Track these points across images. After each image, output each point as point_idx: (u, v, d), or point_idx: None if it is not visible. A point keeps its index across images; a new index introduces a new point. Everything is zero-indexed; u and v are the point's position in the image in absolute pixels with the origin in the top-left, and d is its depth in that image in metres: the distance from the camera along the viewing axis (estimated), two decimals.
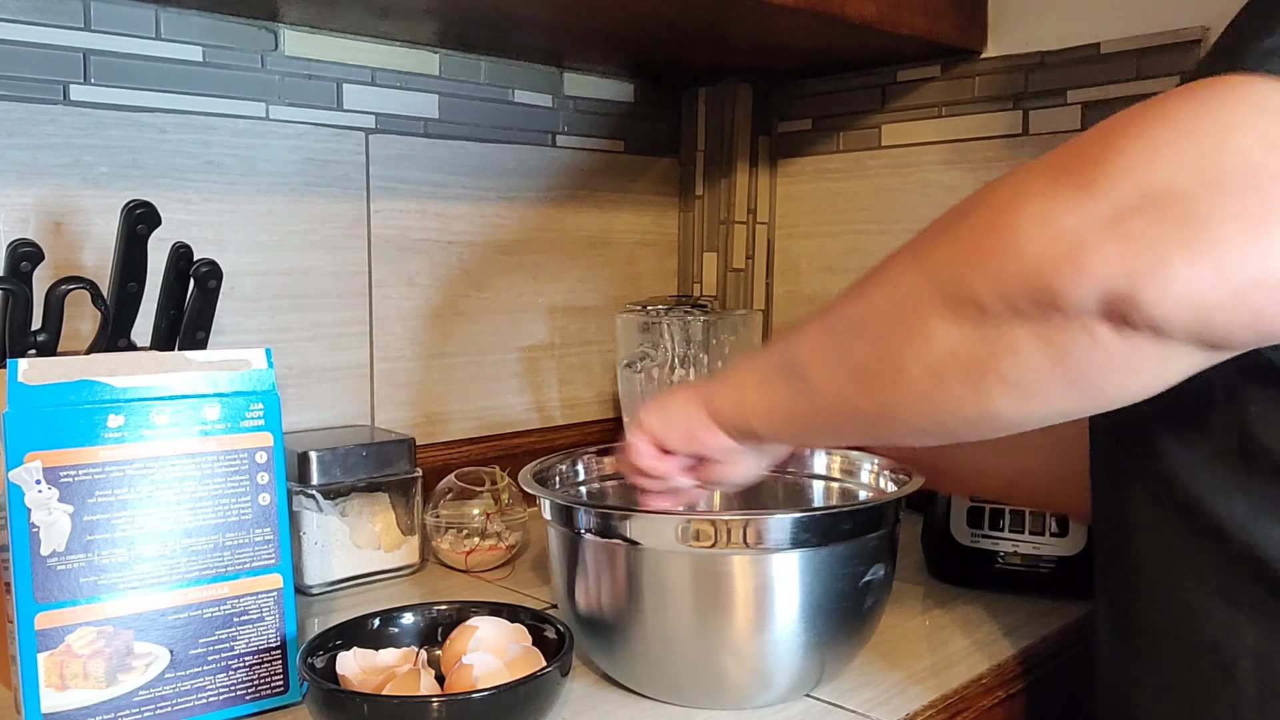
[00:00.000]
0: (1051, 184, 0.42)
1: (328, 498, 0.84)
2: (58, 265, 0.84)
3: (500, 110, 1.12)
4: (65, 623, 0.56)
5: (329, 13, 0.92)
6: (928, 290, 0.45)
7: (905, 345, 0.47)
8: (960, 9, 1.06)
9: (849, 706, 0.63)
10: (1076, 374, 0.42)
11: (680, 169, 1.32)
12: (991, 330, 0.43)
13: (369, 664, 0.61)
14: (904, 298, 0.47)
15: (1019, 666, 0.70)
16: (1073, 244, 0.40)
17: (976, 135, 1.10)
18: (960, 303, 0.44)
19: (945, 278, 0.45)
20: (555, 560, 0.68)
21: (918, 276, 0.46)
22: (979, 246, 0.44)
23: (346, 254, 1.02)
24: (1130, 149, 0.40)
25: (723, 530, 0.59)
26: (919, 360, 0.46)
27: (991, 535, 0.82)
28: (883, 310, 0.48)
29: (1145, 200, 0.39)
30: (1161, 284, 0.38)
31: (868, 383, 0.49)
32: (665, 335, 1.10)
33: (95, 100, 0.86)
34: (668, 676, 0.63)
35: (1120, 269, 0.39)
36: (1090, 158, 0.41)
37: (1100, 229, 0.39)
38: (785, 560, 0.60)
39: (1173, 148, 0.39)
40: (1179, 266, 0.38)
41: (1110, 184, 0.40)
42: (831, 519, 0.61)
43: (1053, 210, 0.41)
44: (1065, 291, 0.40)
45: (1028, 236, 0.41)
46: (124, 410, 0.58)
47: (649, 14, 0.95)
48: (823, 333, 0.53)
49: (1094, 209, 0.40)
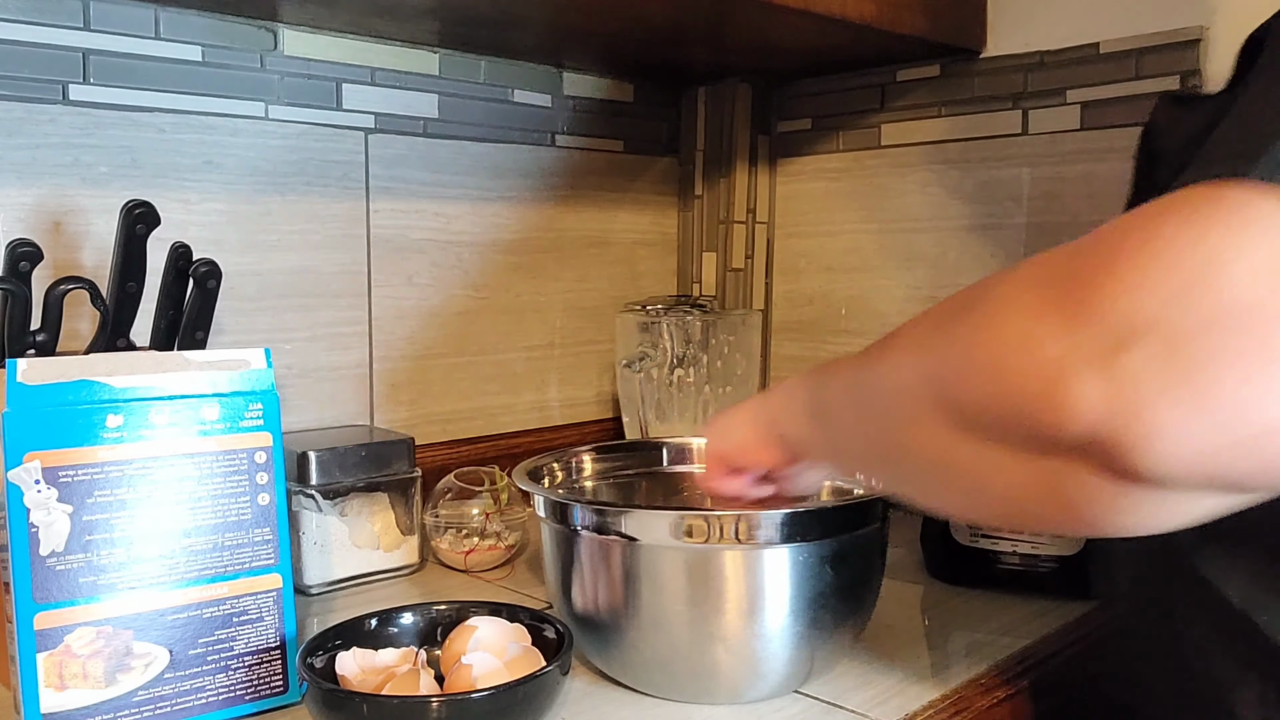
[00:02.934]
0: (1043, 298, 0.37)
1: (327, 498, 0.84)
2: (57, 265, 0.84)
3: (500, 110, 1.12)
4: (64, 623, 0.56)
5: (329, 12, 0.92)
6: (924, 389, 0.43)
7: (907, 436, 0.44)
8: (960, 9, 1.06)
9: (849, 706, 0.63)
10: (1072, 509, 0.38)
11: (680, 169, 1.32)
12: (982, 447, 0.40)
13: (368, 664, 0.61)
14: (904, 388, 0.45)
15: (1019, 666, 0.70)
16: (1054, 378, 0.35)
17: (976, 135, 1.10)
18: (954, 413, 0.41)
19: (941, 382, 0.42)
20: (549, 557, 0.68)
21: (918, 372, 0.44)
22: (967, 358, 0.40)
23: (346, 254, 1.02)
24: (1124, 270, 0.35)
25: (715, 526, 0.60)
26: (917, 454, 0.44)
27: (991, 535, 0.82)
28: (887, 392, 0.46)
29: (1136, 335, 0.34)
30: (1153, 434, 0.34)
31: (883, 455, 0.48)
32: (664, 335, 1.10)
33: (95, 100, 0.86)
34: (661, 671, 0.64)
35: (1105, 413, 0.34)
36: (1081, 276, 0.36)
37: (1089, 363, 0.35)
38: (776, 555, 0.60)
39: (1168, 274, 0.34)
40: (1171, 414, 0.33)
41: (1099, 312, 0.35)
42: (822, 515, 0.62)
43: (1038, 332, 0.36)
44: (1052, 429, 0.36)
45: (1011, 358, 0.37)
46: (123, 410, 0.58)
47: (649, 14, 0.95)
48: (843, 388, 0.51)
49: (1084, 337, 0.35)
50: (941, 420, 0.41)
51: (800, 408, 0.56)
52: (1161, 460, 0.34)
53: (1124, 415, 0.34)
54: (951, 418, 0.41)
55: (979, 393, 0.39)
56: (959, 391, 0.40)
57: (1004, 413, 0.38)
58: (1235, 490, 0.36)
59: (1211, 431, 0.33)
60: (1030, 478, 0.39)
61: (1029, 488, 0.39)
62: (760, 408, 0.59)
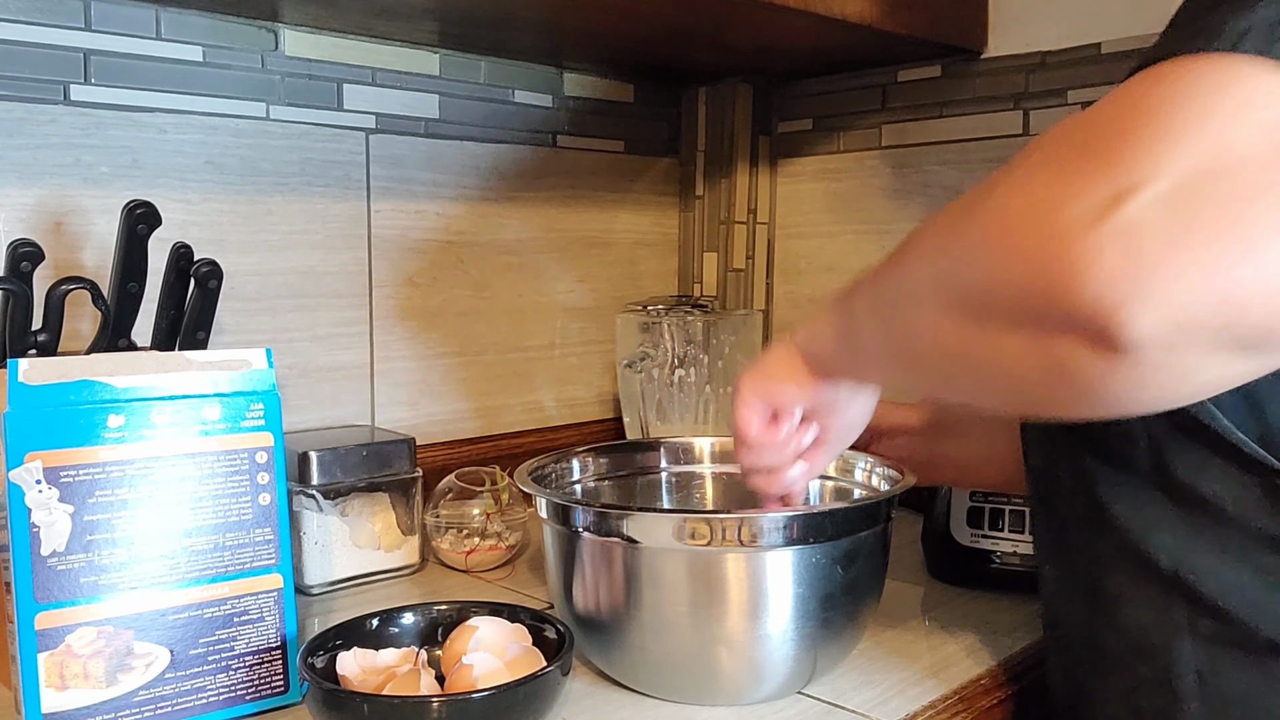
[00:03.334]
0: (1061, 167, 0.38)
1: (328, 498, 0.84)
2: (58, 265, 0.84)
3: (500, 110, 1.12)
4: (65, 623, 0.56)
5: (329, 13, 0.92)
6: (934, 285, 0.44)
7: (924, 334, 0.46)
8: (960, 9, 1.06)
9: (849, 706, 0.63)
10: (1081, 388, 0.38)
11: (680, 169, 1.32)
12: (989, 337, 0.41)
13: (369, 664, 0.61)
14: (917, 287, 0.46)
15: (1019, 666, 0.70)
16: (1067, 238, 0.36)
17: (976, 135, 1.10)
18: (963, 304, 0.42)
19: (948, 275, 0.43)
20: (551, 559, 0.68)
21: (928, 268, 0.45)
22: (974, 238, 0.41)
23: (346, 254, 1.02)
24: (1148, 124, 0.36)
25: (718, 529, 0.60)
26: (937, 349, 0.45)
27: (991, 535, 0.82)
28: (907, 293, 0.47)
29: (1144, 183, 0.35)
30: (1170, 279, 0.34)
31: (909, 349, 0.48)
32: (665, 335, 1.10)
33: (95, 100, 0.86)
34: (663, 673, 0.64)
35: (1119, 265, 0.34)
36: (1102, 137, 0.37)
37: (1102, 218, 0.35)
38: (779, 558, 0.60)
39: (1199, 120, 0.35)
40: (1200, 252, 0.33)
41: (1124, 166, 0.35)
42: (824, 518, 0.62)
43: (1055, 197, 0.37)
44: (1053, 296, 0.36)
45: (1022, 227, 0.38)
46: (124, 410, 0.58)
47: (649, 14, 0.95)
48: (872, 293, 0.52)
49: (1101, 195, 0.35)
50: (955, 313, 0.42)
51: (828, 332, 0.56)
52: (1163, 311, 0.34)
53: (1129, 263, 0.34)
54: (963, 308, 0.42)
55: (992, 274, 0.39)
56: (967, 277, 0.41)
57: (1018, 286, 0.38)
58: (1253, 345, 0.36)
59: (1221, 272, 0.33)
60: (1040, 367, 0.39)
61: (1040, 371, 0.39)
62: (790, 342, 0.60)
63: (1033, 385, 0.40)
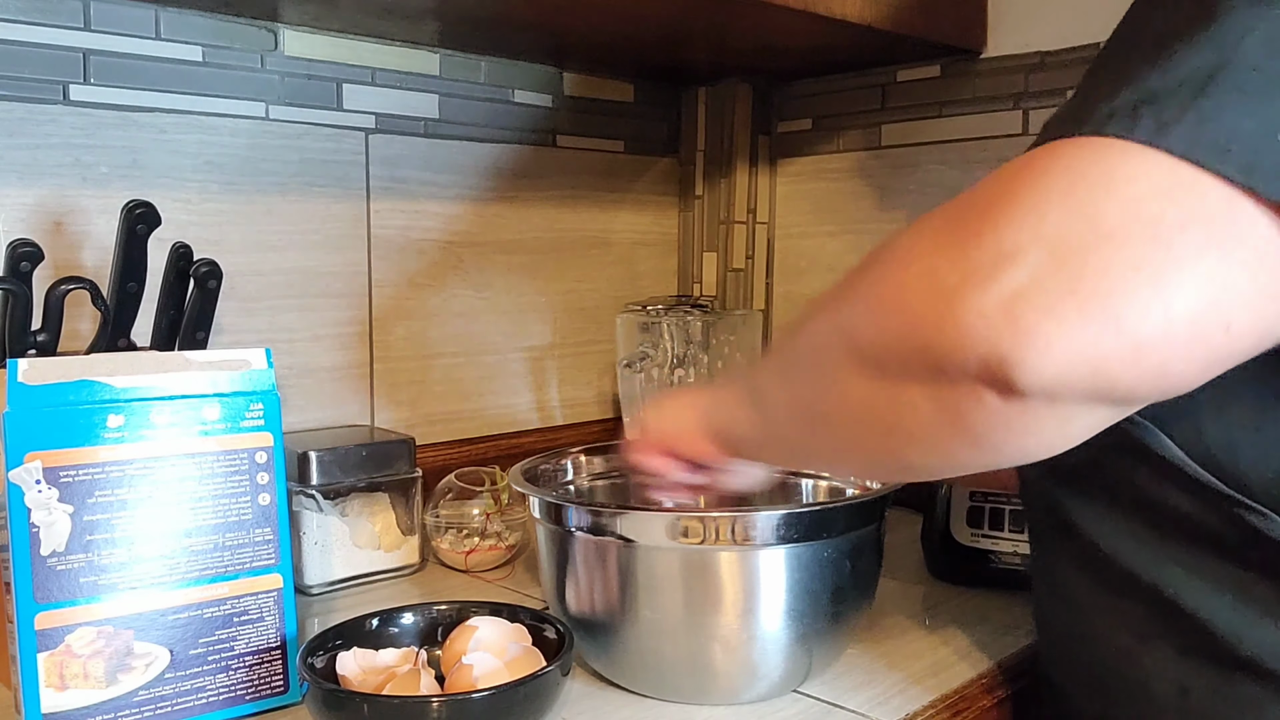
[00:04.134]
0: (939, 238, 0.40)
1: (328, 498, 0.84)
2: (58, 265, 0.84)
3: (500, 110, 1.12)
4: (65, 623, 0.56)
5: (329, 13, 0.92)
6: (836, 342, 0.45)
7: (825, 395, 0.47)
8: (960, 9, 1.06)
9: (849, 706, 0.63)
10: (973, 435, 0.41)
11: (680, 169, 1.32)
12: (891, 387, 0.42)
13: (369, 664, 0.61)
14: (820, 347, 0.47)
15: (1019, 666, 0.70)
16: (949, 302, 0.38)
17: (976, 135, 1.10)
18: (863, 359, 0.43)
19: (849, 332, 0.44)
20: (545, 559, 0.68)
21: (830, 327, 0.46)
22: (871, 303, 0.43)
23: (346, 254, 1.02)
24: (1010, 204, 0.38)
25: (711, 527, 0.60)
26: (839, 410, 0.46)
27: (991, 535, 0.82)
28: (807, 357, 0.49)
29: (1020, 253, 0.37)
30: (1047, 344, 0.36)
31: (808, 423, 0.50)
32: (665, 335, 1.10)
33: (95, 100, 0.86)
34: (658, 672, 0.64)
35: (1000, 329, 0.37)
36: (976, 210, 0.39)
37: (982, 285, 0.37)
38: (772, 556, 0.60)
39: (1063, 197, 0.37)
40: (1072, 322, 0.36)
41: (996, 236, 0.38)
42: (817, 516, 0.62)
43: (937, 266, 0.39)
44: (946, 354, 0.39)
45: (911, 294, 0.40)
46: (124, 410, 0.58)
47: (649, 14, 0.95)
48: (773, 366, 0.54)
49: (977, 262, 0.38)
50: (855, 369, 0.44)
51: (738, 399, 0.57)
52: (1046, 369, 0.37)
53: (1009, 328, 0.37)
54: (863, 364, 0.43)
55: (885, 333, 0.42)
56: (868, 335, 0.43)
57: (908, 346, 0.40)
58: (1119, 402, 0.39)
59: (1115, 335, 0.36)
60: (939, 413, 0.41)
61: (940, 424, 0.41)
62: (705, 399, 0.61)
63: (930, 432, 0.42)
